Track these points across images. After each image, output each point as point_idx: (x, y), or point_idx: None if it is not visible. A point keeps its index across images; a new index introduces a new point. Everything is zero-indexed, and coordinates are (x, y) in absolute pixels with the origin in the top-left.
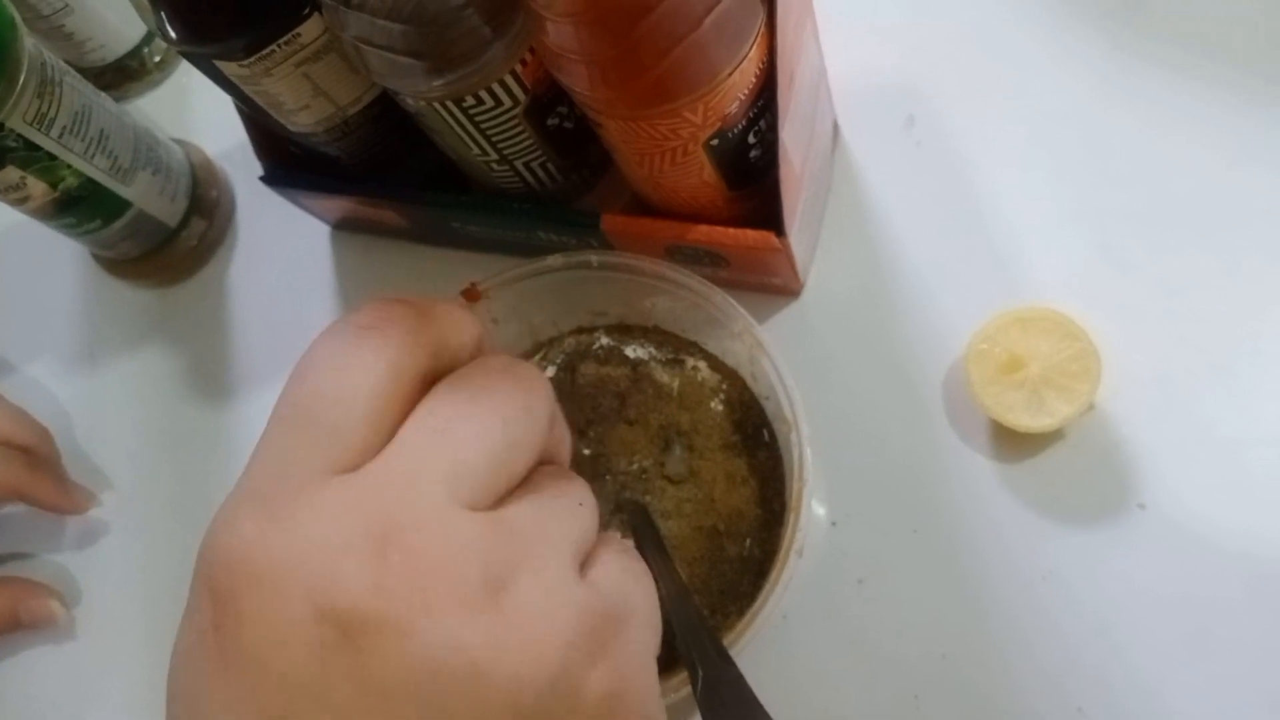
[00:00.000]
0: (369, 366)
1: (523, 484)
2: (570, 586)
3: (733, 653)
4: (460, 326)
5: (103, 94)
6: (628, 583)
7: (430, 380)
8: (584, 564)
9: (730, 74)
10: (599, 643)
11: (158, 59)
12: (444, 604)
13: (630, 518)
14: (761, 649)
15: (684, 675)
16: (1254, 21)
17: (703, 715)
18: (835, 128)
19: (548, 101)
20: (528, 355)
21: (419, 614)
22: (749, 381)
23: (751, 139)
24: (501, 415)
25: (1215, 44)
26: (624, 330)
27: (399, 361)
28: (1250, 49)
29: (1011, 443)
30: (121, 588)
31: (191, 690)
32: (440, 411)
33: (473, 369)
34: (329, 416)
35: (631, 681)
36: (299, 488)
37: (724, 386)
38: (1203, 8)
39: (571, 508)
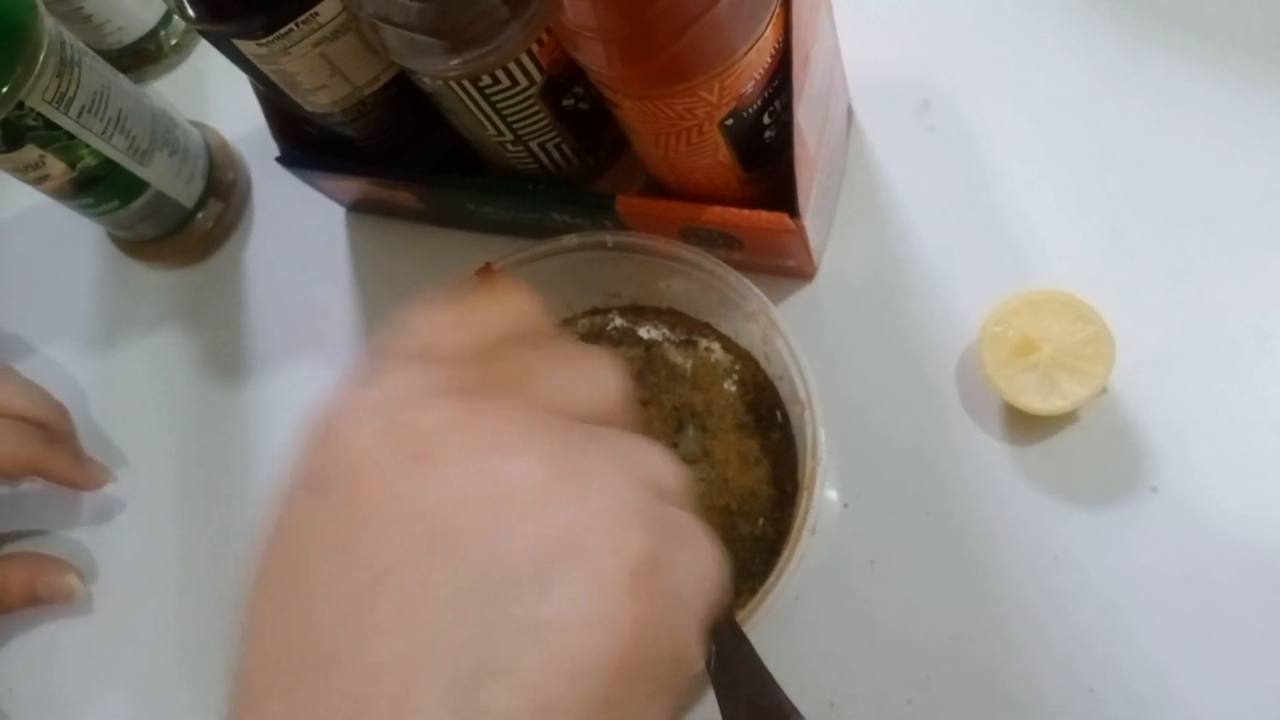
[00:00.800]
0: (472, 312)
1: None
2: (630, 479)
3: (747, 628)
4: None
5: (121, 75)
6: (690, 521)
7: None
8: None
9: (746, 53)
10: (646, 522)
11: (174, 42)
12: (502, 441)
13: None
14: (773, 630)
15: None
16: (1261, 7)
17: (716, 691)
18: (850, 112)
19: (564, 82)
20: None
21: (478, 443)
22: (762, 363)
23: (766, 119)
24: (589, 364)
25: (1223, 29)
26: (638, 311)
27: (502, 314)
28: (1257, 35)
29: (1024, 425)
30: (137, 564)
31: (289, 528)
32: (540, 345)
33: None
34: (425, 331)
35: (676, 569)
36: (389, 368)
37: (737, 367)
38: None
39: (653, 447)
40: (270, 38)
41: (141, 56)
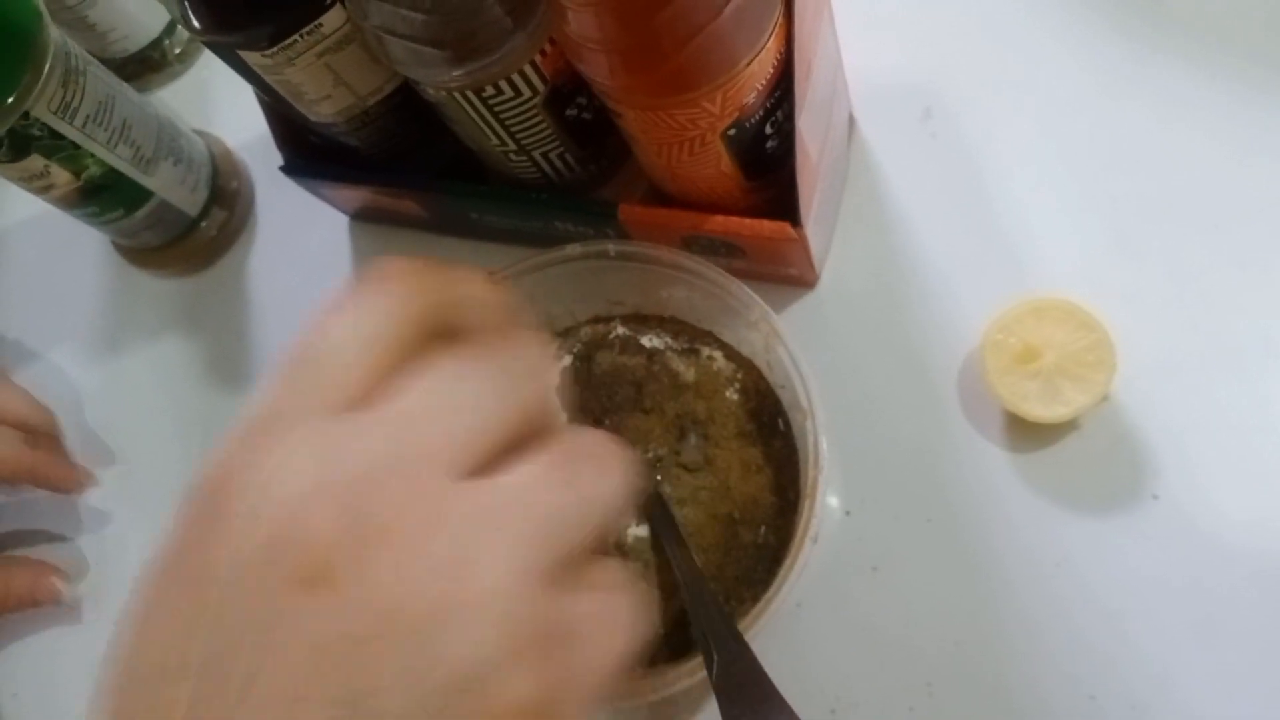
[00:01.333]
0: (368, 311)
1: (536, 448)
2: (529, 587)
3: (748, 637)
4: (469, 283)
5: (126, 84)
6: (600, 606)
7: (435, 336)
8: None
9: (749, 64)
10: (538, 653)
11: (179, 50)
12: (398, 563)
13: (647, 506)
14: (776, 636)
15: (699, 660)
16: (1262, 9)
17: (718, 698)
18: (851, 120)
19: (567, 92)
20: None
21: (372, 566)
22: (764, 370)
23: (768, 129)
24: (498, 377)
25: (1228, 34)
26: (640, 320)
27: (397, 308)
28: (1262, 39)
29: (1026, 433)
30: (138, 569)
31: (146, 594)
32: (439, 367)
33: (478, 340)
34: (325, 356)
35: (561, 703)
36: (289, 423)
37: (739, 375)
38: None
39: (569, 470)
40: (275, 49)
41: (146, 65)
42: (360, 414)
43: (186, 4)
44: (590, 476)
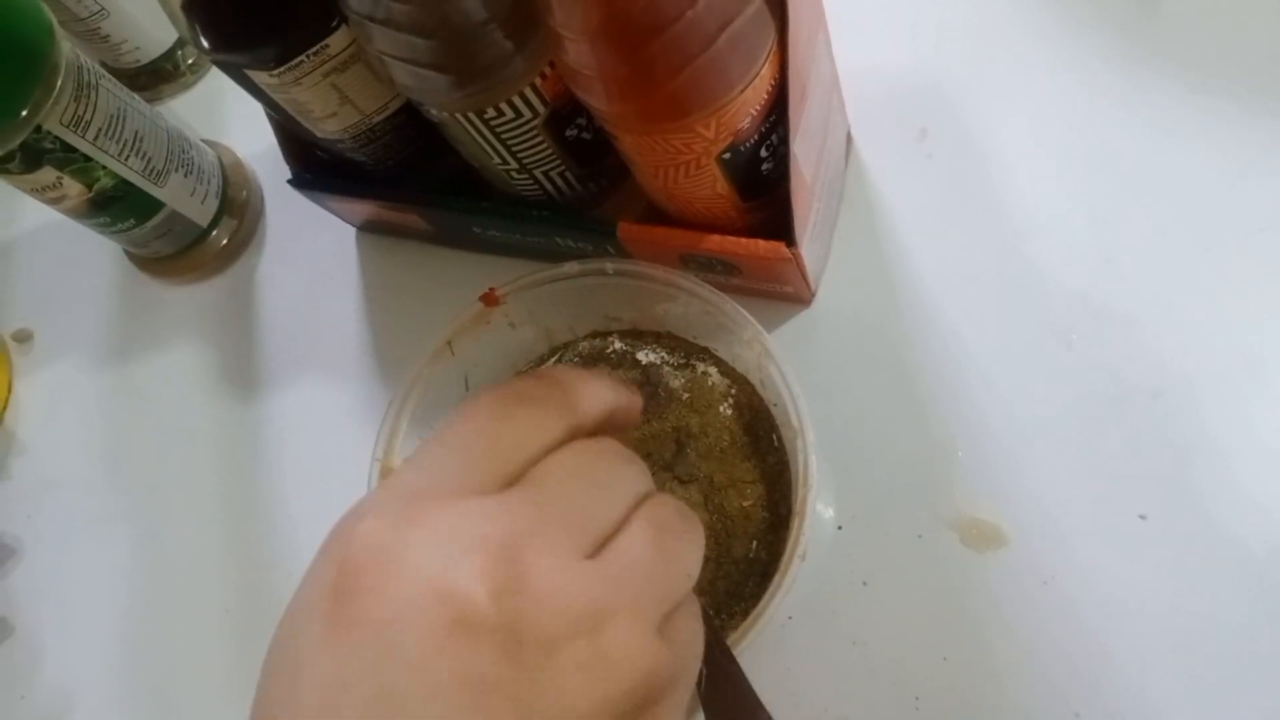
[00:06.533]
0: (525, 425)
1: (641, 518)
2: (652, 639)
3: (737, 651)
4: (597, 397)
5: (137, 97)
6: (693, 646)
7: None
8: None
9: (742, 91)
10: (654, 697)
11: (191, 61)
12: (547, 628)
13: None
14: (766, 648)
15: None
16: (1265, 33)
17: (705, 712)
18: (849, 140)
19: (567, 113)
20: (544, 359)
21: (526, 630)
22: (758, 387)
23: (764, 153)
24: (612, 477)
25: (1227, 56)
26: (637, 335)
27: (548, 428)
28: (1260, 61)
29: None
30: (145, 574)
31: (295, 644)
32: (570, 465)
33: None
34: (484, 450)
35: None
36: (444, 496)
37: (733, 391)
38: (1214, 19)
39: (676, 568)
40: (282, 69)
41: (158, 75)
42: (508, 493)
43: (195, 24)
44: (682, 549)
